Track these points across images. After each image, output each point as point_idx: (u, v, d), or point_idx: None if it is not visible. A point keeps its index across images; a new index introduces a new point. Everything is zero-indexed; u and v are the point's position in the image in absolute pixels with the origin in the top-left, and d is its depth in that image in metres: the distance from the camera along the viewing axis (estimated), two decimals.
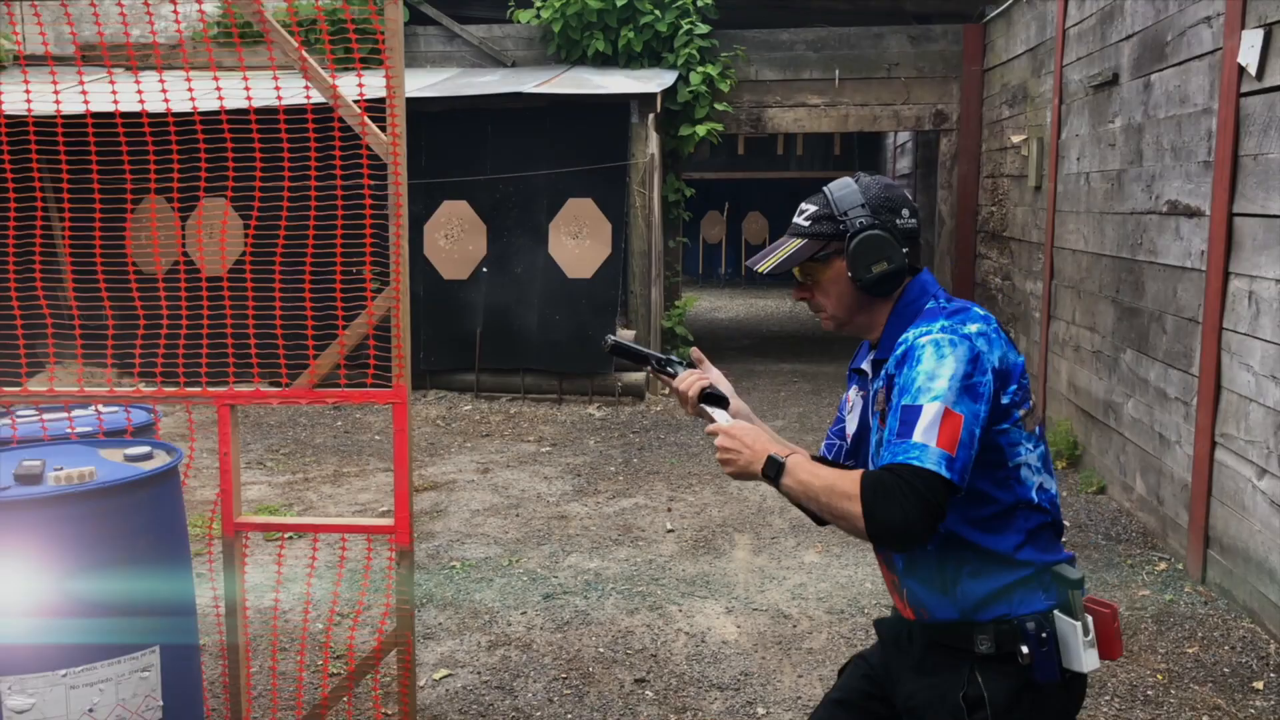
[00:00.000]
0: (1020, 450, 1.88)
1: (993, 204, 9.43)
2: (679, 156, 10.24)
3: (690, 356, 2.20)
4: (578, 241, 8.90)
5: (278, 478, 6.63)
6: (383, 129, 3.02)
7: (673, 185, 10.25)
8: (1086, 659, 1.86)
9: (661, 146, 9.87)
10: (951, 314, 1.89)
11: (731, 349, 12.15)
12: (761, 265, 2.00)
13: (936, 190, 10.61)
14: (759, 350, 12.07)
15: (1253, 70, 4.38)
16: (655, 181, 9.39)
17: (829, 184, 2.00)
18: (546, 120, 8.92)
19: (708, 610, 4.52)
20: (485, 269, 9.04)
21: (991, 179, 9.54)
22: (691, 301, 10.55)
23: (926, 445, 1.73)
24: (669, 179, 10.22)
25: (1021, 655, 1.85)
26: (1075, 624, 1.86)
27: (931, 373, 1.78)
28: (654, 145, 9.19)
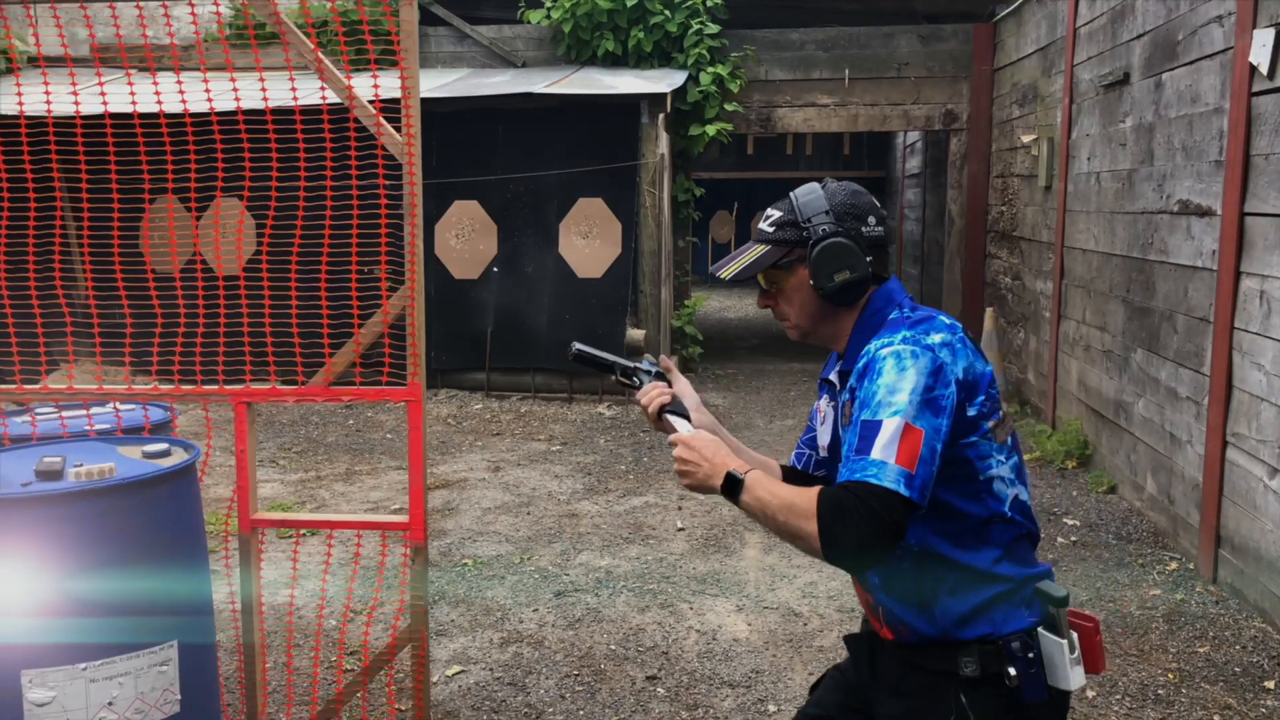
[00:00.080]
0: (991, 463, 1.83)
1: (1003, 203, 9.42)
2: (689, 156, 10.26)
3: (659, 364, 2.13)
4: (588, 241, 8.92)
5: (290, 476, 6.67)
6: (397, 129, 3.04)
7: (682, 185, 10.27)
8: (1074, 677, 1.82)
9: (671, 146, 9.88)
10: (915, 324, 1.84)
11: (741, 348, 12.16)
12: (724, 271, 1.95)
13: (946, 190, 10.61)
14: (768, 349, 12.07)
15: (1264, 69, 4.38)
16: (665, 181, 9.40)
17: (795, 189, 1.95)
18: (557, 120, 8.94)
19: (719, 608, 4.53)
20: (496, 268, 9.07)
21: (1001, 179, 9.53)
22: (701, 301, 10.57)
23: (885, 462, 1.68)
24: (679, 179, 10.24)
25: (1009, 677, 1.81)
26: (1061, 642, 1.81)
27: (891, 386, 1.73)
28: (664, 145, 9.21)
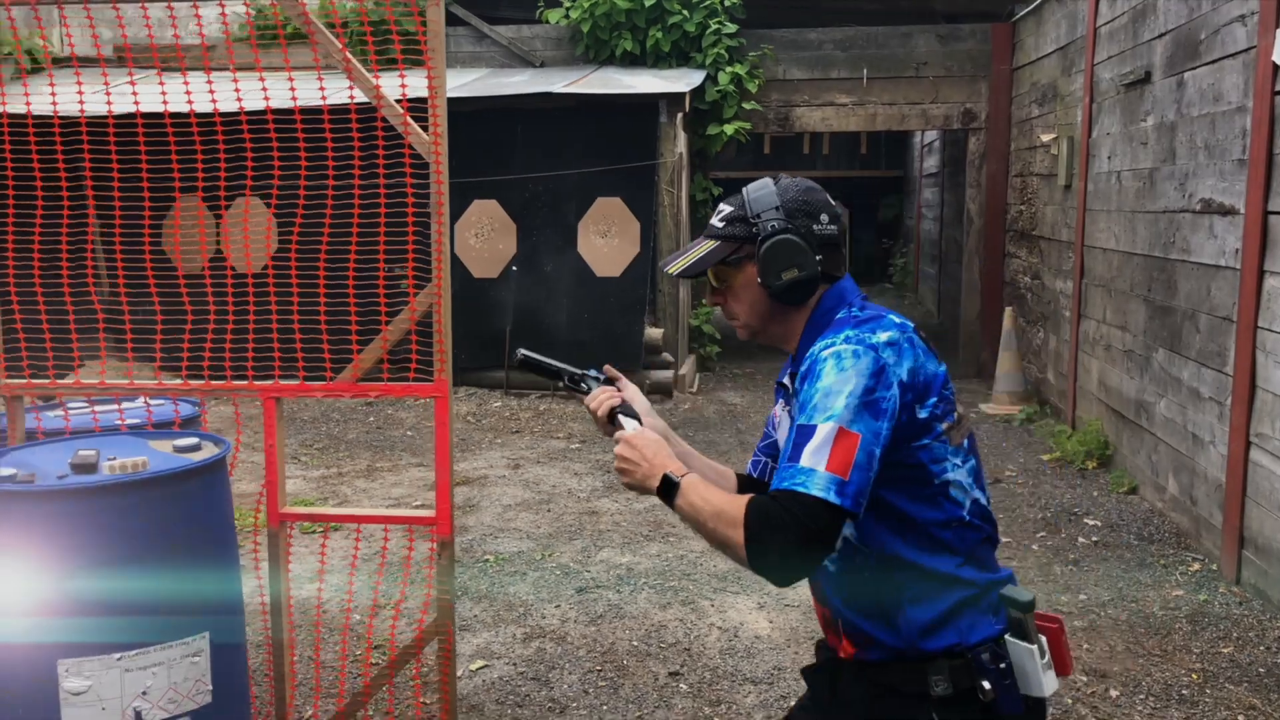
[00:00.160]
0: (947, 466, 1.76)
1: (1022, 203, 9.40)
2: (706, 156, 10.27)
3: (605, 373, 2.09)
4: (606, 240, 8.95)
5: (312, 472, 6.72)
6: (423, 128, 3.07)
7: (700, 184, 10.28)
8: (1046, 682, 1.75)
9: (689, 146, 9.90)
10: (860, 323, 1.78)
11: (755, 345, 12.15)
12: (672, 266, 1.89)
13: (965, 189, 10.59)
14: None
15: None
16: (683, 180, 9.42)
17: (748, 184, 1.89)
18: (575, 120, 8.97)
19: (740, 605, 4.55)
20: (515, 267, 9.10)
21: (1020, 178, 9.51)
22: None
23: (814, 470, 1.62)
24: (696, 178, 10.25)
25: (984, 692, 1.73)
26: (1031, 648, 1.74)
27: (829, 389, 1.67)
28: (682, 144, 9.22)
